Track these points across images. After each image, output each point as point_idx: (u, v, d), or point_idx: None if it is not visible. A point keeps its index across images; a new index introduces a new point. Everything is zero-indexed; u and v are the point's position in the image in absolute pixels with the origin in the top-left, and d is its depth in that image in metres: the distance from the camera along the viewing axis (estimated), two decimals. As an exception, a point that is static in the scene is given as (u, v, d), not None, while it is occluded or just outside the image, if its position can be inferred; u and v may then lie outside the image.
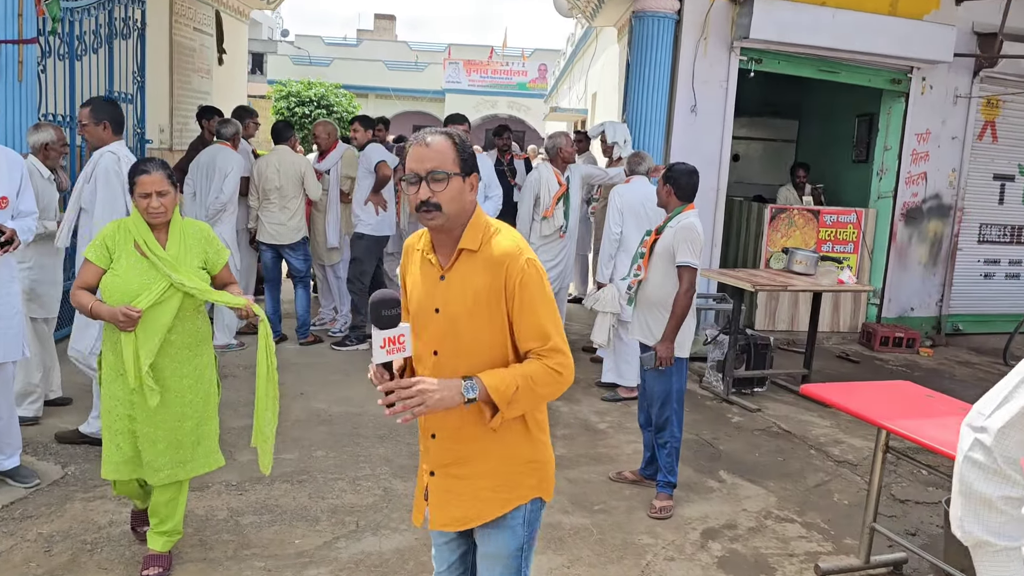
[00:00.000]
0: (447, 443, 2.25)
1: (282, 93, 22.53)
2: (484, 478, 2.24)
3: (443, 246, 2.22)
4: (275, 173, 7.06)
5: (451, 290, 2.18)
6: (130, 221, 3.35)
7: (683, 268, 4.34)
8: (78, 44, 6.76)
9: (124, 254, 3.30)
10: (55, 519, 3.93)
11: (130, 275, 3.26)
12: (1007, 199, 9.28)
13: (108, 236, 3.33)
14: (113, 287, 3.26)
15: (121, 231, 3.33)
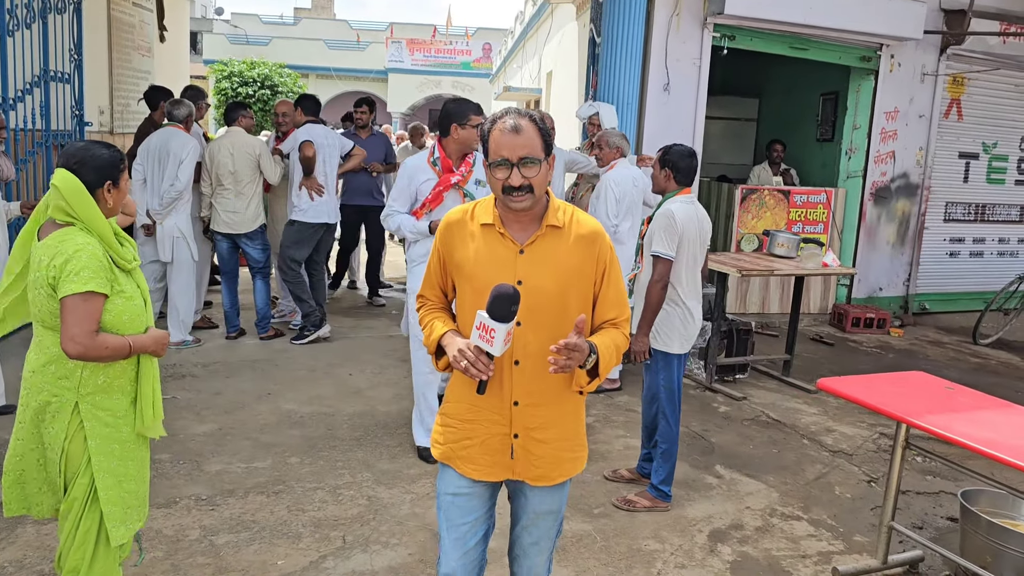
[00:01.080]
0: (532, 409, 2.36)
1: (224, 73, 21.71)
2: (563, 440, 2.42)
3: (519, 223, 2.34)
4: (228, 157, 6.62)
5: (533, 264, 2.31)
6: (97, 231, 2.57)
7: (655, 258, 4.11)
8: (9, 19, 6.22)
9: (116, 270, 2.61)
10: (6, 547, 3.54)
11: (132, 290, 2.65)
12: (971, 177, 9.29)
13: (102, 254, 2.54)
14: (131, 313, 2.61)
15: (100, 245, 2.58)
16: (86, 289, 2.46)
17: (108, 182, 2.60)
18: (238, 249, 6.87)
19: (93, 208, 2.54)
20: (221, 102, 20.60)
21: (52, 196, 2.56)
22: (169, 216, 6.38)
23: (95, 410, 2.62)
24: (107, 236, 2.58)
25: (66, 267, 2.46)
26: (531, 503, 2.48)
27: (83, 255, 2.48)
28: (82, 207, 2.53)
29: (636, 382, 6.23)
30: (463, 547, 2.44)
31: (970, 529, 3.71)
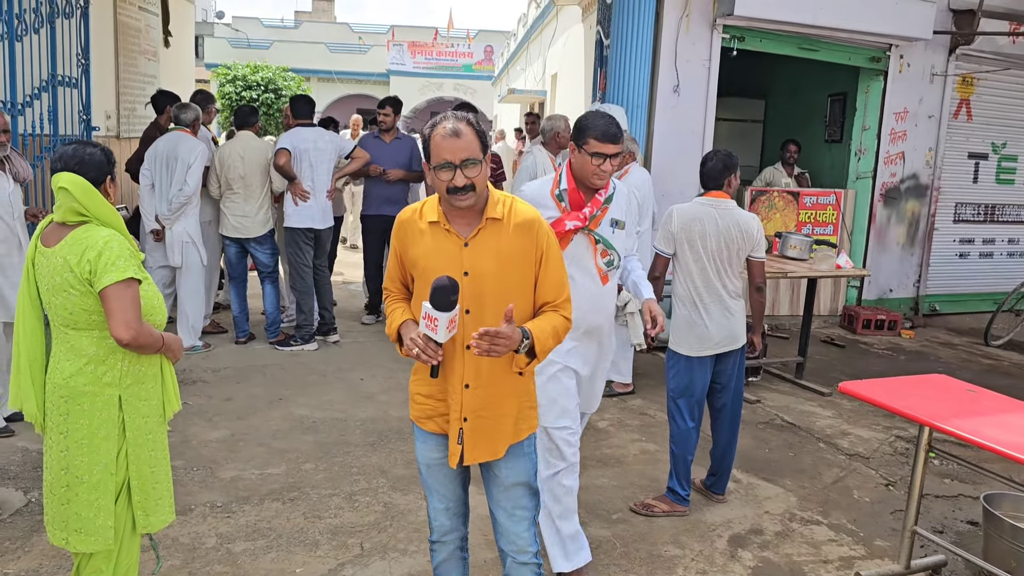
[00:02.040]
0: (479, 391, 2.54)
1: (228, 77, 21.69)
2: (507, 416, 2.60)
3: (463, 218, 2.52)
4: (239, 161, 6.59)
5: (477, 255, 2.48)
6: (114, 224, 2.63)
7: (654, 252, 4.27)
8: (18, 24, 6.19)
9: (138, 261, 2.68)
10: (22, 556, 3.51)
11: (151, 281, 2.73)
12: (981, 178, 9.24)
13: (127, 244, 2.61)
14: (156, 300, 2.69)
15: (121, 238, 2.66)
16: (127, 276, 2.51)
17: (108, 177, 2.66)
18: (247, 254, 6.84)
19: (105, 203, 2.60)
20: (225, 106, 20.59)
21: (62, 199, 2.56)
22: (178, 221, 6.35)
23: (135, 401, 2.66)
24: (122, 228, 2.63)
25: (100, 259, 2.49)
26: (499, 477, 2.67)
27: (114, 245, 2.53)
28: (95, 204, 2.57)
29: (649, 385, 6.20)
30: (446, 503, 2.72)
31: (993, 533, 3.67)
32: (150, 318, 2.63)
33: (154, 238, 6.40)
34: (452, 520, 2.74)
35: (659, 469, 4.71)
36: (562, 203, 3.35)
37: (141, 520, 2.70)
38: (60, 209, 2.57)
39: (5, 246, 4.59)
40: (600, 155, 3.24)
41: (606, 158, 3.26)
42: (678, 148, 7.41)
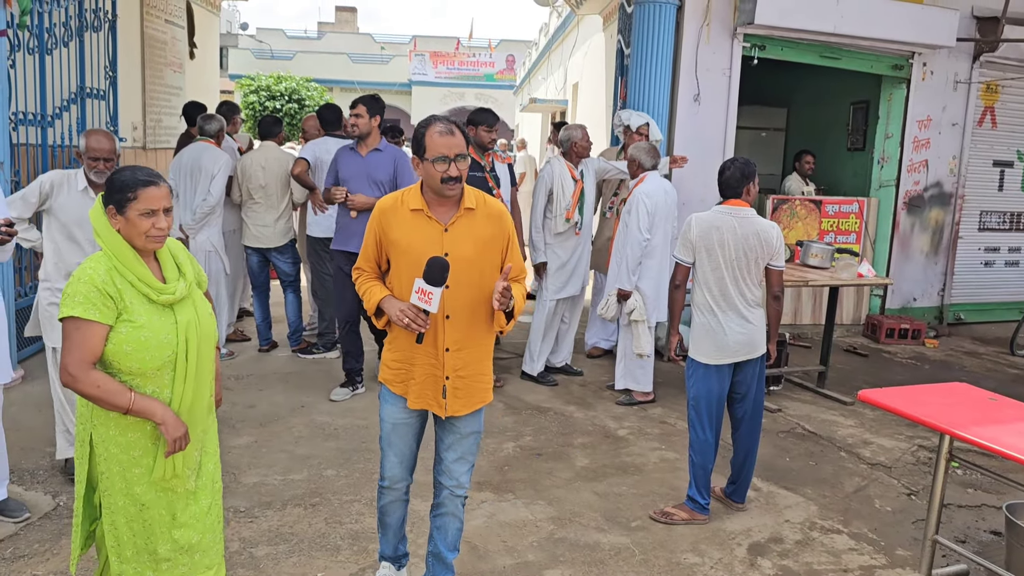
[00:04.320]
0: (459, 353, 2.99)
1: (251, 88, 21.93)
2: (481, 375, 3.09)
3: (442, 207, 2.94)
4: (260, 171, 6.67)
5: (456, 239, 2.90)
6: (114, 256, 2.46)
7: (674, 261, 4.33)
8: (48, 37, 6.32)
9: (134, 298, 2.46)
10: (50, 558, 3.57)
11: (155, 323, 2.47)
12: (1006, 185, 9.16)
13: (103, 280, 2.41)
14: (135, 344, 2.42)
15: (111, 273, 2.45)
16: (71, 314, 2.37)
17: (110, 206, 2.47)
18: (269, 263, 6.91)
19: (107, 228, 2.47)
20: (249, 116, 20.81)
21: None
22: (201, 230, 6.43)
23: (109, 445, 2.52)
24: (126, 259, 2.46)
25: (66, 289, 2.41)
26: (457, 427, 3.10)
27: (81, 278, 2.40)
28: (98, 226, 2.49)
29: (670, 394, 6.20)
30: (401, 457, 3.16)
31: (1016, 543, 3.64)
32: (125, 362, 2.44)
33: (179, 247, 6.49)
34: (403, 471, 3.19)
35: (679, 477, 4.71)
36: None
37: (115, 567, 2.61)
38: None
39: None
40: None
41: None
42: (699, 157, 7.41)
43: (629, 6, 7.76)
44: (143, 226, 2.45)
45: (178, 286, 2.54)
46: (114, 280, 2.42)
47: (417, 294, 2.79)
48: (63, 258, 4.12)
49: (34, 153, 6.22)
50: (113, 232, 2.47)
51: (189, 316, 2.56)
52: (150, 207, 2.46)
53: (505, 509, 4.25)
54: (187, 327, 2.53)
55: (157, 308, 2.48)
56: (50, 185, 4.12)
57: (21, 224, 4.09)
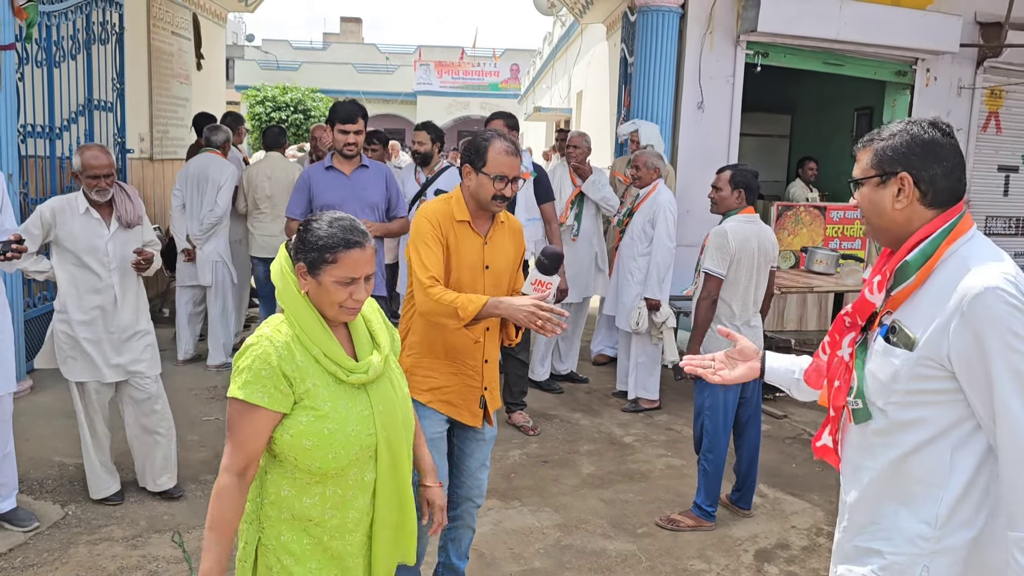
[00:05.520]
0: (492, 365, 3.08)
1: (257, 98, 22.05)
2: (497, 382, 3.17)
3: (480, 218, 2.98)
4: (266, 181, 6.71)
5: (493, 251, 2.98)
6: (298, 324, 1.98)
7: (705, 274, 4.15)
8: (56, 50, 6.37)
9: (318, 379, 1.97)
10: (59, 567, 3.59)
11: (344, 410, 1.98)
12: (1012, 190, 9.14)
13: (280, 355, 1.93)
14: (325, 439, 1.94)
15: (294, 343, 1.97)
16: (235, 395, 1.92)
17: (301, 264, 1.98)
18: (276, 272, 6.93)
19: (291, 290, 1.99)
20: (255, 127, 20.92)
21: None
22: (208, 241, 6.47)
23: (276, 552, 2.03)
24: (311, 330, 1.97)
25: (237, 359, 1.97)
26: (481, 433, 3.14)
27: (254, 350, 1.94)
28: (281, 286, 2.02)
29: (676, 400, 6.21)
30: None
31: None
32: (306, 461, 1.95)
33: (185, 258, 6.53)
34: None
35: (685, 484, 4.71)
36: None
37: None
38: None
39: (100, 298, 4.00)
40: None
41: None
42: (703, 164, 7.41)
43: (632, 15, 7.80)
44: (338, 296, 1.96)
45: (372, 362, 2.05)
46: (294, 355, 1.95)
47: (534, 286, 2.82)
48: (78, 287, 3.97)
49: (42, 165, 6.27)
50: (298, 295, 1.99)
51: (386, 398, 2.08)
52: (350, 275, 1.96)
53: (512, 516, 4.26)
54: (385, 413, 2.06)
55: (347, 390, 2.00)
56: (51, 212, 3.90)
57: (28, 258, 3.88)
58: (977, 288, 1.69)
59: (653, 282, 5.75)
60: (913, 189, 1.82)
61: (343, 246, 1.95)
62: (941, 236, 1.80)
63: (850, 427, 1.97)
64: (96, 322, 4.01)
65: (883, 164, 1.86)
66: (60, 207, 3.93)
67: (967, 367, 1.71)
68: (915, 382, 1.79)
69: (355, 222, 2.01)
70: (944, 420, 1.78)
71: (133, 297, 4.11)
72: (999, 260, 1.77)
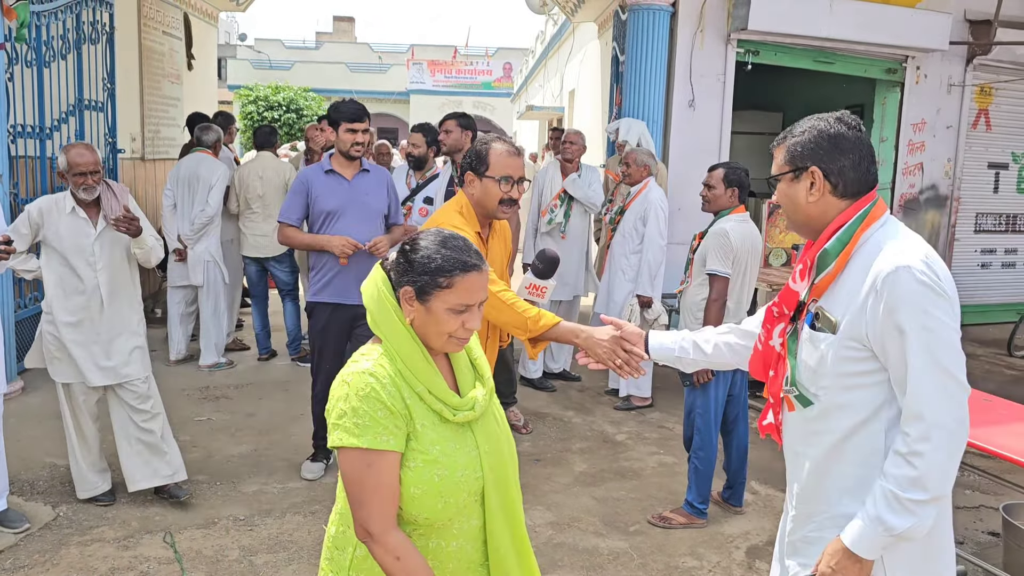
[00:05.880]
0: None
1: (249, 98, 22.01)
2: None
3: (484, 226, 2.96)
4: (258, 181, 6.70)
5: (491, 252, 2.98)
6: (400, 357, 1.74)
7: (712, 276, 4.13)
8: (46, 50, 6.35)
9: (424, 418, 1.74)
10: (50, 568, 3.59)
11: (452, 452, 1.75)
12: (1002, 187, 9.20)
13: (390, 392, 1.70)
14: (435, 486, 1.71)
15: (398, 378, 1.73)
16: (356, 444, 1.65)
17: (406, 287, 1.75)
18: (267, 272, 6.94)
19: (392, 318, 1.75)
20: (247, 127, 20.89)
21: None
22: (200, 240, 6.46)
23: None
24: (415, 364, 1.74)
25: (335, 406, 1.72)
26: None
27: (360, 390, 1.69)
28: (379, 313, 1.77)
29: (667, 398, 6.22)
30: None
31: (1014, 544, 3.66)
32: (415, 511, 1.72)
33: (176, 258, 6.52)
34: None
35: (677, 481, 4.73)
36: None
37: None
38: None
39: (83, 299, 3.96)
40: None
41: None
42: (694, 162, 7.43)
43: (623, 13, 7.81)
44: (449, 325, 1.73)
45: (478, 398, 1.82)
46: (401, 392, 1.71)
47: (528, 290, 2.81)
48: (64, 288, 3.95)
49: (33, 165, 6.25)
50: (401, 325, 1.75)
51: (492, 436, 1.85)
52: (466, 301, 1.74)
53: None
54: (492, 454, 1.82)
55: (451, 429, 1.77)
56: (39, 212, 3.88)
57: (17, 257, 3.88)
58: (890, 267, 1.78)
59: (645, 279, 5.77)
60: (824, 182, 1.91)
61: (460, 269, 1.72)
62: (856, 223, 1.89)
63: (789, 416, 2.03)
64: (83, 324, 3.98)
65: (795, 160, 1.95)
66: (47, 206, 3.92)
67: (882, 343, 1.80)
68: (842, 364, 1.87)
69: (468, 242, 1.80)
70: (873, 402, 1.86)
71: (123, 297, 4.09)
72: (912, 242, 1.86)
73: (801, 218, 1.98)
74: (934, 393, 1.73)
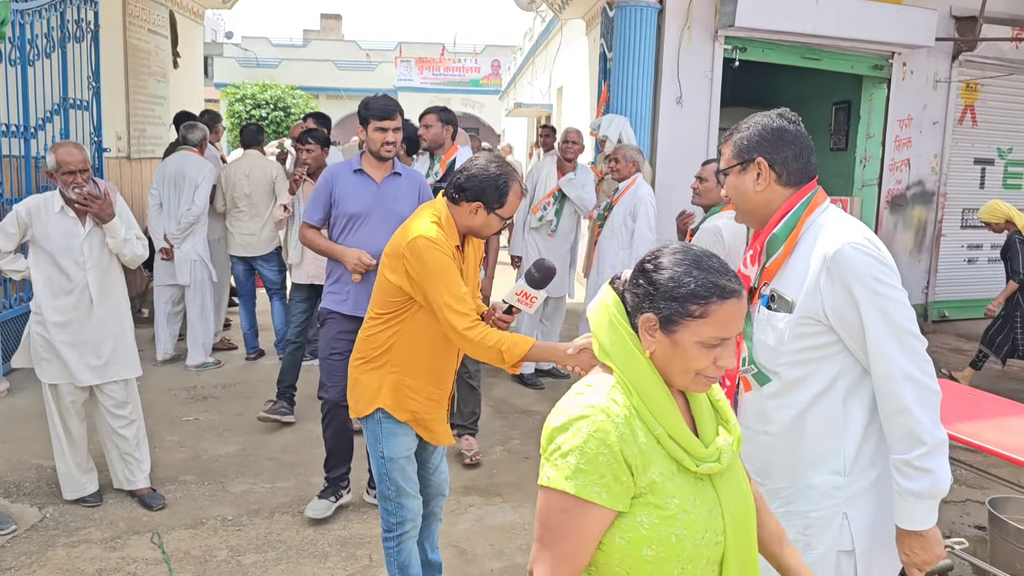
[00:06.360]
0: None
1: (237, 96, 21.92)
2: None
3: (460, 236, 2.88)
4: (244, 179, 6.67)
5: (467, 261, 2.92)
6: (638, 394, 1.48)
7: None
8: (30, 48, 6.30)
9: (664, 466, 1.46)
10: (37, 570, 3.56)
11: (693, 509, 1.47)
12: (988, 183, 9.26)
13: (621, 435, 1.42)
14: (672, 547, 1.44)
15: (634, 419, 1.46)
16: (556, 487, 1.42)
17: (648, 314, 1.49)
18: (254, 271, 6.91)
19: (628, 348, 1.51)
20: (235, 125, 20.80)
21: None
22: (186, 240, 6.43)
23: None
24: (657, 403, 1.48)
25: (552, 436, 1.48)
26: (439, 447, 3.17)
27: (583, 427, 1.43)
28: (613, 342, 1.53)
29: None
30: (416, 487, 3.03)
31: (999, 537, 3.68)
32: (644, 573, 1.44)
33: (162, 257, 6.49)
34: (419, 503, 3.06)
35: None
36: None
37: None
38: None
39: (72, 299, 3.95)
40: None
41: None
42: (682, 159, 7.46)
43: (611, 10, 7.81)
44: (699, 361, 1.47)
45: (723, 446, 1.53)
46: (636, 435, 1.45)
47: (519, 296, 2.72)
48: (53, 289, 3.92)
49: (17, 165, 6.20)
50: (641, 357, 1.50)
51: (736, 494, 1.55)
52: (721, 334, 1.46)
53: (493, 513, 4.27)
54: (736, 515, 1.54)
55: (691, 482, 1.49)
56: (27, 212, 3.86)
57: (4, 257, 3.90)
58: (837, 244, 1.92)
59: None
60: (769, 171, 2.05)
61: (717, 295, 1.45)
62: (801, 209, 2.04)
63: (746, 398, 2.16)
64: (72, 324, 3.97)
65: (741, 153, 2.09)
66: (36, 206, 3.90)
67: (841, 316, 1.93)
68: (799, 340, 1.99)
69: (723, 262, 1.51)
70: (830, 373, 1.99)
71: (112, 297, 4.08)
72: (853, 223, 2.02)
73: (750, 207, 2.11)
74: (896, 349, 1.86)
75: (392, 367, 2.87)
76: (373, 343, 2.89)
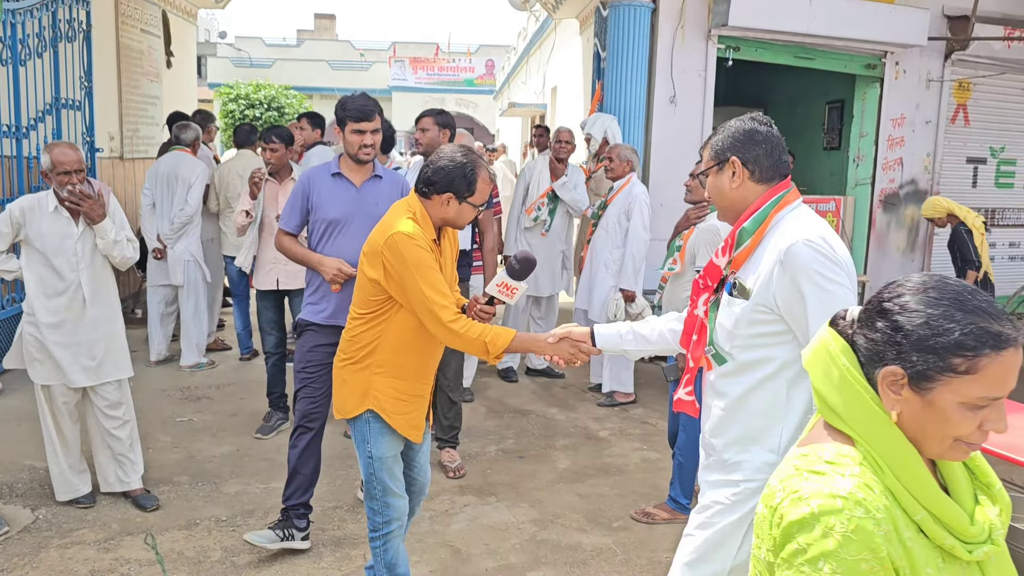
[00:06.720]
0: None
1: (230, 96, 21.87)
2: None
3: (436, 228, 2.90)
4: (238, 179, 6.65)
5: (444, 254, 2.93)
6: (893, 469, 1.23)
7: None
8: (21, 48, 6.28)
9: (930, 563, 1.21)
10: (30, 571, 3.55)
11: None
12: (980, 182, 9.26)
13: (887, 536, 1.17)
14: None
15: (895, 503, 1.22)
16: None
17: (894, 367, 1.23)
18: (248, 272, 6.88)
19: (870, 410, 1.26)
20: (228, 125, 20.76)
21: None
22: (179, 240, 6.41)
23: None
24: (912, 479, 1.22)
25: (793, 536, 1.20)
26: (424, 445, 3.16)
27: (839, 525, 1.15)
28: (850, 404, 1.27)
29: (651, 394, 6.23)
30: (402, 486, 3.03)
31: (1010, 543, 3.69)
32: None
33: (155, 257, 6.48)
34: (406, 502, 3.07)
35: (660, 477, 4.74)
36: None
37: None
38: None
39: (65, 300, 3.94)
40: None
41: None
42: (675, 158, 7.45)
43: (604, 10, 7.80)
44: (963, 426, 1.21)
45: (993, 522, 1.27)
46: (899, 528, 1.19)
47: (499, 287, 2.80)
48: (45, 290, 3.91)
49: (9, 165, 6.19)
50: (888, 422, 1.25)
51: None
52: (993, 393, 1.19)
53: (487, 512, 4.27)
54: None
55: (957, 572, 1.24)
56: (20, 211, 3.85)
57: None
58: (791, 240, 2.08)
59: (629, 273, 5.78)
60: (743, 169, 2.21)
61: (991, 346, 1.17)
62: (770, 206, 2.19)
63: (708, 375, 2.34)
64: (65, 324, 3.96)
65: (717, 154, 2.26)
66: (29, 206, 3.89)
67: (788, 306, 2.09)
68: (752, 326, 2.17)
69: (992, 301, 1.21)
70: (779, 359, 2.16)
71: (105, 297, 4.07)
72: (814, 222, 2.15)
73: (727, 203, 2.27)
74: None
75: (377, 367, 2.87)
76: (358, 343, 2.88)
